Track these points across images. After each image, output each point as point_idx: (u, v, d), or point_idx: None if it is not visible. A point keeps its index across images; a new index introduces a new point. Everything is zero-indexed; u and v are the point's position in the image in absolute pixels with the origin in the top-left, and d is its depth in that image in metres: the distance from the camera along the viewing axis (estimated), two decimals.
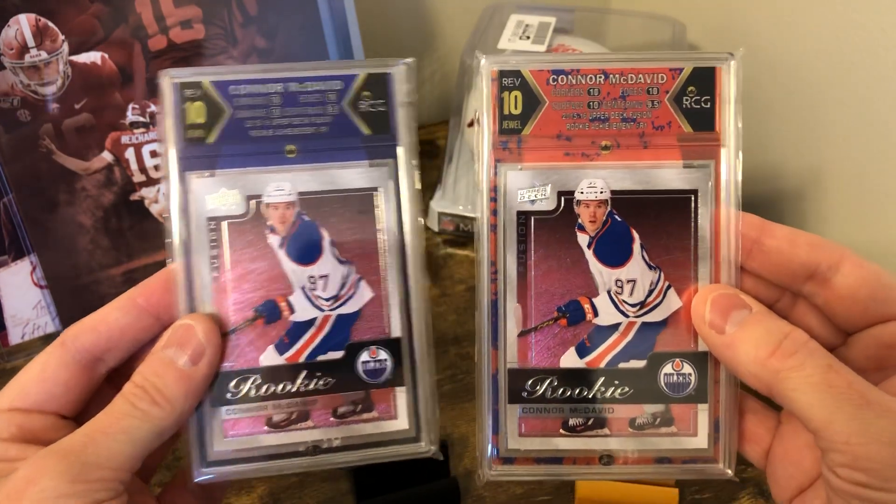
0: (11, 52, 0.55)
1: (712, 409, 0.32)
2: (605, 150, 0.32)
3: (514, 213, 0.32)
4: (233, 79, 0.32)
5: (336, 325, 0.33)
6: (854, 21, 0.60)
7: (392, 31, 0.87)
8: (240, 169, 0.32)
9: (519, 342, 0.33)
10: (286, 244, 0.33)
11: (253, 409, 0.32)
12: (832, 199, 0.66)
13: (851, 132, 0.62)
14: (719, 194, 0.32)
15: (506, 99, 0.32)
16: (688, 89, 0.32)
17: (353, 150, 0.33)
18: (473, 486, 0.52)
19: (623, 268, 0.32)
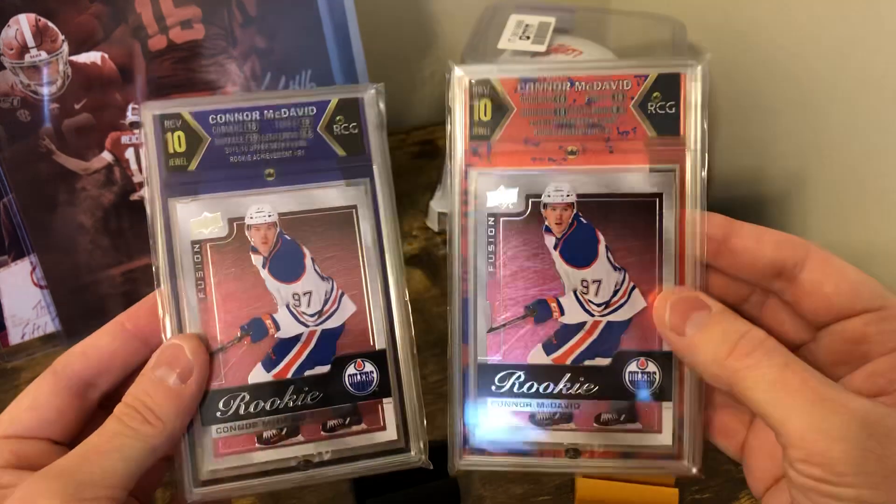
0: (11, 52, 0.55)
1: (677, 408, 0.33)
2: (571, 155, 0.33)
3: (484, 216, 0.34)
4: (211, 109, 0.33)
5: (321, 340, 0.34)
6: (850, 23, 0.60)
7: (392, 31, 0.87)
8: (221, 193, 0.33)
9: (488, 338, 0.34)
10: (269, 263, 0.34)
11: (243, 426, 0.33)
12: (816, 200, 0.66)
13: (843, 132, 0.62)
14: (684, 197, 0.33)
15: (476, 106, 0.34)
16: (653, 95, 0.33)
17: (329, 171, 0.34)
18: (473, 487, 0.52)
19: (589, 268, 0.34)
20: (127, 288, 0.63)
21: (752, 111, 0.73)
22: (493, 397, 0.34)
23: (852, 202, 0.64)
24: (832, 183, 0.66)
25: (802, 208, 0.69)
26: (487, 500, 0.52)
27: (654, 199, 0.33)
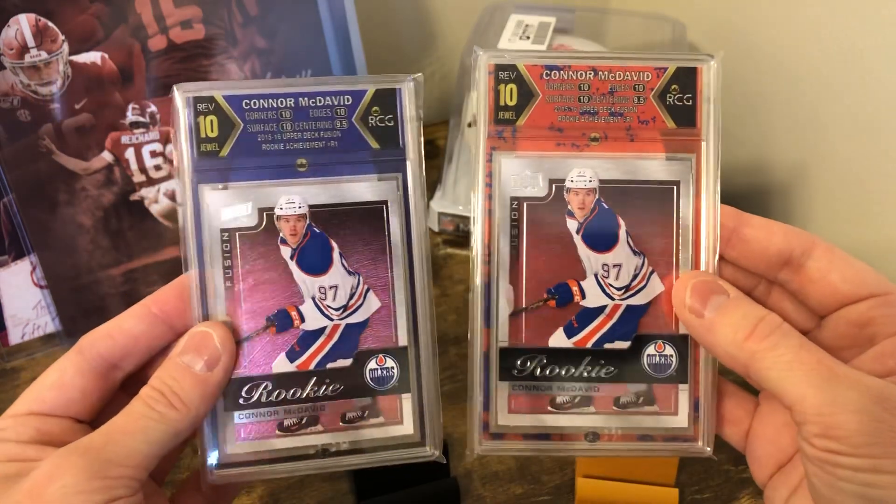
0: (11, 52, 0.55)
1: (692, 390, 0.34)
2: (593, 142, 0.34)
3: (507, 199, 0.34)
4: (245, 93, 0.33)
5: (345, 334, 0.34)
6: (850, 21, 0.60)
7: (392, 32, 0.87)
8: (252, 182, 0.33)
9: (510, 322, 0.34)
10: (297, 255, 0.34)
11: (265, 413, 0.34)
12: (820, 194, 0.66)
13: (845, 129, 0.62)
14: (700, 186, 0.34)
15: (501, 91, 0.33)
16: (671, 87, 0.34)
17: (362, 163, 0.34)
18: (473, 486, 0.52)
19: (610, 253, 0.34)
20: (127, 288, 0.63)
21: (752, 110, 0.73)
22: (513, 381, 0.34)
23: (852, 200, 0.64)
24: (832, 181, 0.66)
25: (802, 206, 0.69)
26: (487, 500, 0.52)
27: (671, 187, 0.34)
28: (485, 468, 0.53)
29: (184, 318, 0.33)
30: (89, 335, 0.33)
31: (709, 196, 0.34)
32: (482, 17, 0.75)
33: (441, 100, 0.94)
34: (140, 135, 0.61)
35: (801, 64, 0.66)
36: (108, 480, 0.27)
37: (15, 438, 0.30)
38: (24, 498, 0.27)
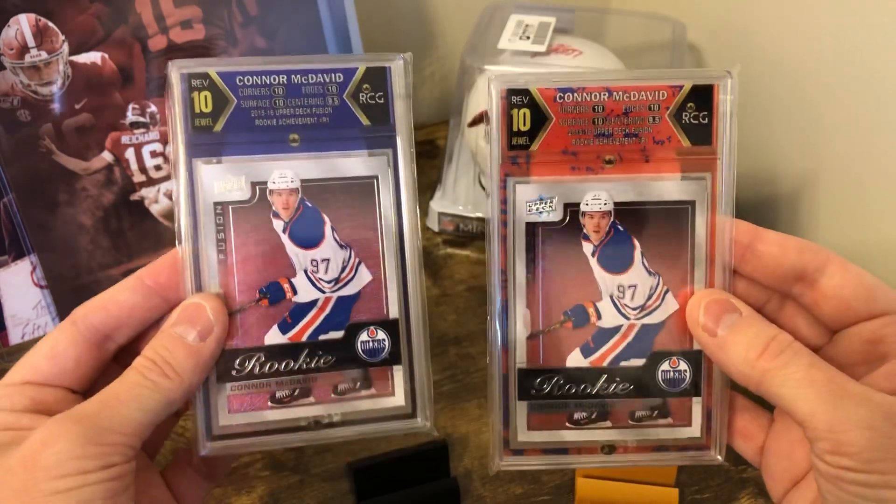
0: (11, 52, 0.55)
1: (705, 401, 0.35)
2: (608, 164, 0.34)
3: (522, 225, 0.34)
4: (238, 70, 0.33)
5: (337, 307, 0.34)
6: (853, 22, 0.60)
7: (392, 32, 0.87)
8: (245, 156, 0.33)
9: (528, 344, 0.34)
10: (289, 229, 0.34)
11: (257, 385, 0.34)
12: (816, 199, 0.66)
13: (849, 134, 0.62)
14: (715, 204, 0.34)
15: (515, 116, 0.33)
16: (687, 105, 0.34)
17: (353, 139, 0.34)
18: (473, 486, 0.52)
19: (625, 274, 0.34)
20: None
21: (752, 110, 0.73)
22: (532, 400, 0.35)
23: (854, 201, 0.64)
24: (834, 182, 0.66)
25: (802, 206, 0.69)
26: (488, 500, 0.52)
27: (687, 207, 0.34)
28: (485, 468, 0.54)
29: (177, 291, 0.33)
30: (83, 306, 0.33)
31: (724, 213, 0.34)
32: (482, 17, 0.75)
33: (441, 100, 0.94)
34: (140, 135, 0.61)
35: (803, 64, 0.66)
36: (103, 447, 0.27)
37: (9, 407, 0.31)
38: (18, 464, 0.27)
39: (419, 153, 0.94)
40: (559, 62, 0.67)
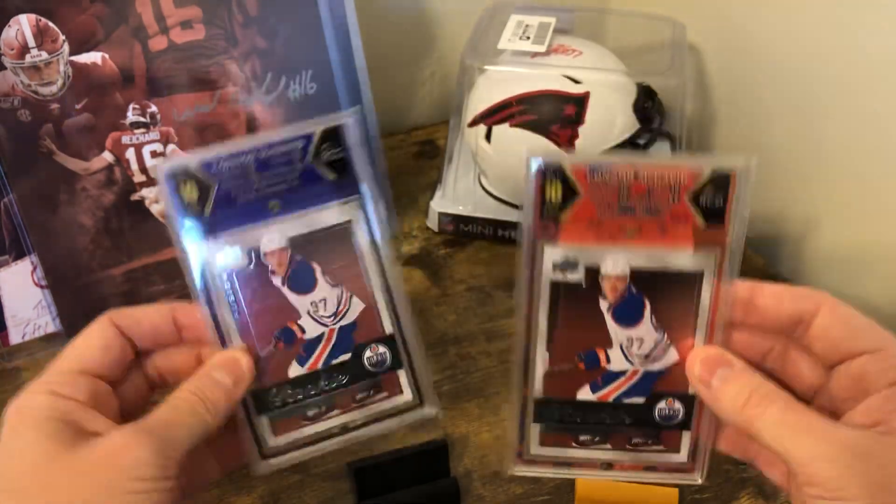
0: (12, 52, 0.55)
1: (693, 434, 0.40)
2: (629, 235, 0.37)
3: (548, 281, 0.38)
4: (213, 157, 0.37)
5: (340, 335, 0.40)
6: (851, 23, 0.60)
7: (392, 32, 0.87)
8: (236, 229, 0.38)
9: (545, 379, 0.40)
10: (287, 281, 0.39)
11: (291, 410, 0.40)
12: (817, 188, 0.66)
13: (848, 133, 0.62)
14: (721, 274, 0.37)
15: (548, 188, 0.37)
16: (705, 189, 0.36)
17: (324, 194, 0.39)
18: (473, 486, 0.52)
19: (634, 328, 0.39)
20: (127, 288, 0.63)
21: (751, 110, 0.73)
22: (545, 423, 0.40)
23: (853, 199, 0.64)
24: (833, 180, 0.66)
25: (802, 204, 0.69)
26: (487, 500, 0.52)
27: (695, 276, 0.38)
28: (485, 468, 0.54)
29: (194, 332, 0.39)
30: (120, 312, 0.38)
31: (728, 283, 0.37)
32: (482, 17, 0.75)
33: (441, 100, 0.94)
34: (140, 135, 0.61)
35: (801, 64, 0.66)
36: (167, 460, 0.33)
37: (72, 396, 0.34)
38: (102, 460, 0.32)
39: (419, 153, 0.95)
40: (559, 62, 0.67)
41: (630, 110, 0.67)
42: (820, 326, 0.36)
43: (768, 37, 0.69)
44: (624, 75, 0.68)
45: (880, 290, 0.63)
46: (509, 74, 0.68)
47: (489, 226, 0.73)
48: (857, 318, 0.36)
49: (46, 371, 0.36)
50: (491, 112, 0.68)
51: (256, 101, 0.64)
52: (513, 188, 0.72)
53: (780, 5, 0.67)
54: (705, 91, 0.79)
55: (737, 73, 0.74)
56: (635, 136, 0.67)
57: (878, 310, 0.64)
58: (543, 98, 0.66)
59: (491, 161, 0.70)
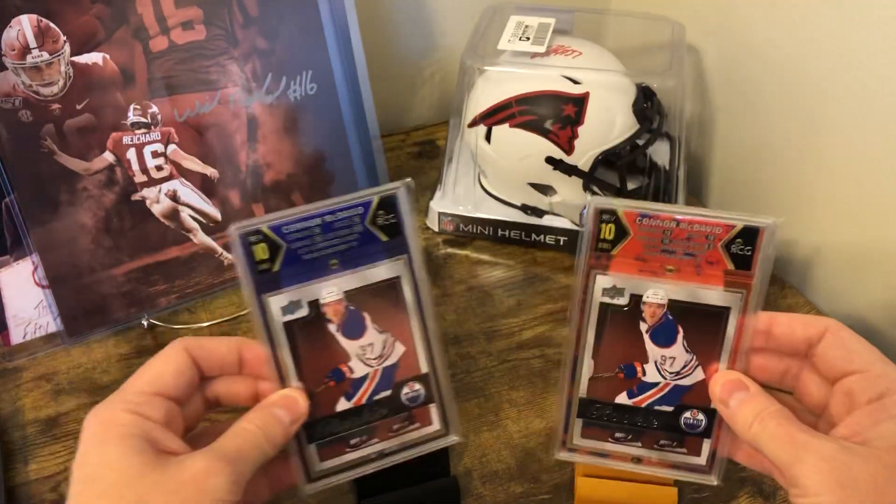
0: (13, 52, 0.55)
1: (713, 442, 0.46)
2: (668, 272, 0.44)
3: (597, 304, 0.45)
4: (284, 221, 0.42)
5: (383, 375, 0.46)
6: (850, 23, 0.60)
7: (392, 32, 0.87)
8: (300, 284, 0.43)
9: (590, 383, 0.46)
10: (341, 329, 0.44)
11: (336, 439, 0.45)
12: (816, 188, 0.66)
13: (846, 132, 0.63)
14: (746, 310, 0.43)
15: (602, 228, 0.44)
16: (736, 240, 0.43)
17: (377, 253, 0.44)
18: (473, 485, 0.53)
19: (668, 349, 0.45)
20: (128, 288, 0.63)
21: (751, 109, 0.73)
22: (587, 418, 0.47)
23: (852, 198, 0.64)
24: (832, 179, 0.66)
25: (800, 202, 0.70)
26: (487, 499, 0.52)
27: (723, 311, 0.44)
28: (485, 467, 0.54)
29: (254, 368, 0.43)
30: (194, 341, 0.42)
31: (751, 317, 0.43)
32: (482, 17, 0.75)
33: (441, 100, 0.94)
34: (141, 135, 0.61)
35: (799, 64, 0.66)
36: (238, 486, 0.37)
37: (152, 416, 0.38)
38: (189, 482, 0.36)
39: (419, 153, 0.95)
40: (559, 63, 0.67)
41: (629, 111, 0.67)
42: (823, 349, 0.41)
43: (768, 37, 0.69)
44: (623, 76, 0.68)
45: (880, 290, 0.63)
46: (509, 75, 0.68)
47: (489, 226, 0.73)
48: (855, 341, 0.41)
49: (125, 389, 0.39)
50: (491, 112, 0.68)
51: (257, 102, 0.64)
52: (513, 188, 0.72)
53: (779, 6, 0.67)
54: (704, 91, 0.79)
55: (736, 73, 0.74)
56: (634, 137, 0.67)
57: (878, 310, 0.64)
58: (543, 98, 0.66)
59: (491, 161, 0.71)
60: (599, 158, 0.66)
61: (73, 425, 0.57)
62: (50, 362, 0.62)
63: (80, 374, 0.60)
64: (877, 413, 0.38)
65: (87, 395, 0.59)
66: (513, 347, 0.63)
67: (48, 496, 0.52)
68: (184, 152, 0.63)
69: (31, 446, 0.55)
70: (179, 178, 0.63)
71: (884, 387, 0.38)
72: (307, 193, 0.68)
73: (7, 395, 0.59)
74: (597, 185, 0.68)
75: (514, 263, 0.72)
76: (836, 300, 0.67)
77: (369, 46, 0.69)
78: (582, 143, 0.66)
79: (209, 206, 0.65)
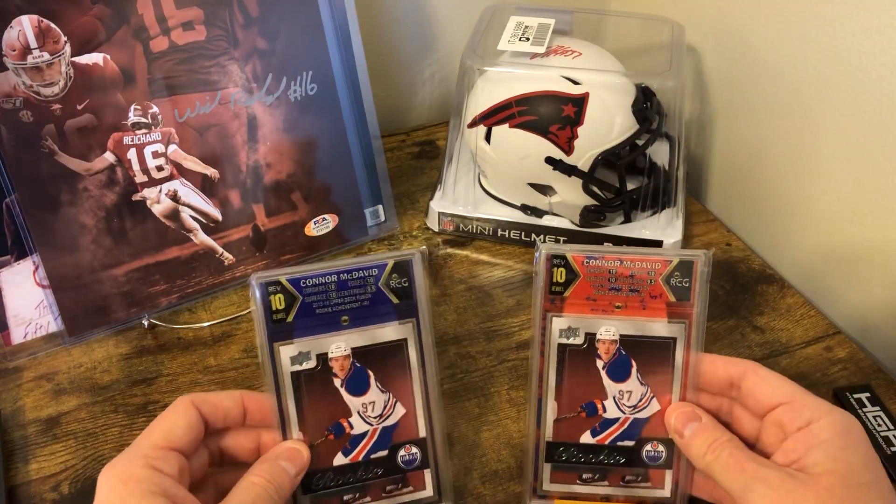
0: (14, 53, 0.56)
1: (675, 474, 0.48)
2: (617, 308, 0.47)
3: (555, 345, 0.48)
4: (302, 275, 0.45)
5: (382, 434, 0.47)
6: (849, 24, 0.60)
7: (392, 33, 0.87)
8: (310, 337, 0.45)
9: (554, 425, 0.48)
10: (345, 384, 0.46)
11: (330, 493, 0.47)
12: (814, 187, 0.66)
13: (844, 132, 0.63)
14: (690, 341, 0.47)
15: (554, 272, 0.47)
16: (674, 273, 0.47)
17: (387, 314, 0.46)
18: (473, 485, 0.53)
19: (624, 383, 0.48)
20: (129, 288, 0.63)
21: (750, 109, 0.73)
22: (554, 463, 0.49)
23: (851, 197, 0.64)
24: (830, 179, 0.66)
25: (799, 200, 0.70)
26: (487, 498, 0.52)
27: (670, 341, 0.47)
28: (485, 466, 0.54)
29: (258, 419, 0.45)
30: (201, 396, 0.44)
31: (694, 348, 0.47)
32: (482, 18, 0.75)
33: (441, 100, 0.94)
34: (142, 135, 0.61)
35: (798, 65, 0.66)
36: None
37: (169, 472, 0.39)
38: None
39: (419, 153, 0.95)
40: (558, 63, 0.67)
41: (629, 111, 0.67)
42: (747, 386, 0.45)
43: (767, 38, 0.69)
44: (623, 76, 0.68)
45: (880, 290, 0.63)
46: (509, 75, 0.68)
47: (489, 226, 0.73)
48: (774, 376, 0.44)
49: (140, 444, 0.40)
50: (491, 113, 0.68)
51: (257, 102, 0.64)
52: (512, 188, 0.72)
53: (778, 6, 0.67)
54: (704, 92, 0.79)
55: (735, 73, 0.74)
56: (634, 137, 0.67)
57: (878, 310, 0.64)
58: (543, 99, 0.66)
59: (491, 161, 0.71)
60: (599, 159, 0.66)
61: (74, 425, 0.57)
62: (50, 362, 0.62)
63: (80, 374, 0.61)
64: (807, 439, 0.41)
65: (87, 395, 0.59)
66: (513, 347, 0.63)
67: (48, 496, 0.52)
68: (184, 152, 0.63)
69: (31, 446, 0.55)
70: (180, 178, 0.63)
71: (809, 415, 0.41)
72: (307, 194, 0.68)
73: (7, 394, 0.59)
74: (596, 186, 0.68)
75: (514, 263, 0.72)
76: (836, 300, 0.67)
77: (369, 46, 0.69)
78: (581, 144, 0.66)
79: (210, 207, 0.65)
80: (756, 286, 0.69)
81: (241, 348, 0.63)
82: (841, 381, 0.60)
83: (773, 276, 0.70)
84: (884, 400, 0.57)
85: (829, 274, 0.68)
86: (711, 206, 0.81)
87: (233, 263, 0.67)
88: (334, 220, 0.70)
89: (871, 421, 0.56)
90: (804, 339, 0.64)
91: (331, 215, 0.70)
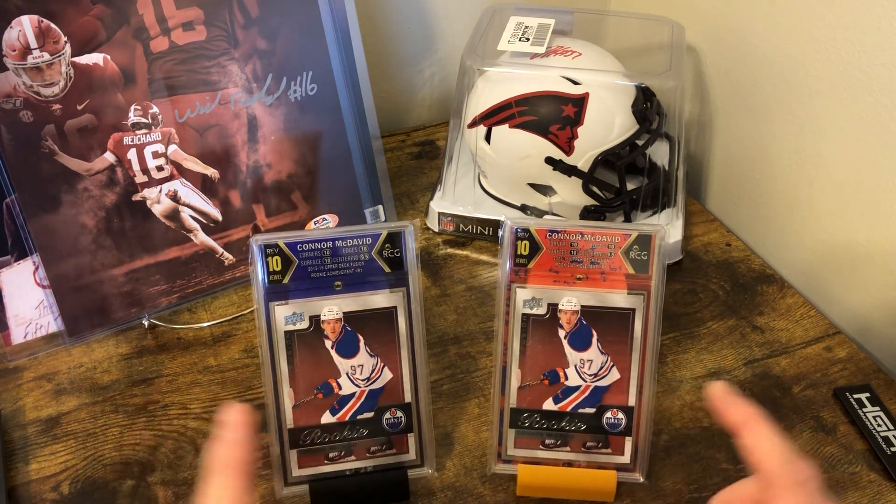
0: (14, 53, 0.56)
1: (634, 440, 0.50)
2: (579, 280, 0.49)
3: (519, 315, 0.49)
4: (299, 240, 0.47)
5: (369, 396, 0.49)
6: (848, 24, 0.60)
7: (392, 33, 0.87)
8: (304, 299, 0.47)
9: (518, 392, 0.50)
10: (336, 346, 0.48)
11: (316, 450, 0.49)
12: (814, 185, 0.66)
13: (843, 132, 0.63)
14: (648, 312, 0.49)
15: (519, 245, 0.49)
16: (633, 246, 0.48)
17: (379, 282, 0.48)
18: (473, 484, 0.53)
19: (585, 352, 0.50)
20: (129, 288, 0.63)
21: (749, 108, 0.73)
22: (518, 429, 0.51)
23: (850, 196, 0.64)
24: (830, 178, 0.66)
25: (798, 200, 0.70)
26: (487, 498, 0.52)
27: (629, 312, 0.49)
28: (484, 466, 0.54)
29: None
30: None
31: (653, 319, 0.49)
32: (482, 18, 0.75)
33: (441, 100, 0.94)
34: (142, 135, 0.61)
35: (798, 65, 0.66)
36: None
37: None
38: None
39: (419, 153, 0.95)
40: (558, 63, 0.67)
41: (629, 111, 0.67)
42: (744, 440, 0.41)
43: (766, 38, 0.69)
44: (623, 76, 0.68)
45: (880, 290, 0.63)
46: (509, 75, 0.68)
47: (489, 226, 0.73)
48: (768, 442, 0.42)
49: None
50: (491, 113, 0.68)
51: (257, 102, 0.64)
52: (512, 189, 0.72)
53: (779, 6, 0.67)
54: (704, 92, 0.79)
55: (735, 74, 0.74)
56: (634, 137, 0.67)
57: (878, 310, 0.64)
58: (543, 99, 0.66)
59: (491, 161, 0.71)
60: (599, 159, 0.66)
61: (74, 425, 0.57)
62: (51, 362, 0.62)
63: (80, 374, 0.61)
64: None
65: (87, 395, 0.59)
66: None
67: (48, 496, 0.52)
68: (184, 153, 0.63)
69: (31, 446, 0.55)
70: (180, 178, 0.63)
71: None
72: (307, 194, 0.68)
73: (8, 394, 0.59)
74: (596, 186, 0.68)
75: None
76: (836, 300, 0.67)
77: (369, 46, 0.69)
78: (581, 144, 0.66)
79: (210, 207, 0.65)
80: (756, 286, 0.69)
81: (242, 348, 0.63)
82: (841, 381, 0.60)
83: (773, 277, 0.70)
84: (884, 400, 0.57)
85: (829, 274, 0.68)
86: (711, 206, 0.81)
87: (233, 263, 0.67)
88: (334, 220, 0.70)
89: (871, 421, 0.56)
90: (804, 339, 0.64)
91: (331, 215, 0.70)
